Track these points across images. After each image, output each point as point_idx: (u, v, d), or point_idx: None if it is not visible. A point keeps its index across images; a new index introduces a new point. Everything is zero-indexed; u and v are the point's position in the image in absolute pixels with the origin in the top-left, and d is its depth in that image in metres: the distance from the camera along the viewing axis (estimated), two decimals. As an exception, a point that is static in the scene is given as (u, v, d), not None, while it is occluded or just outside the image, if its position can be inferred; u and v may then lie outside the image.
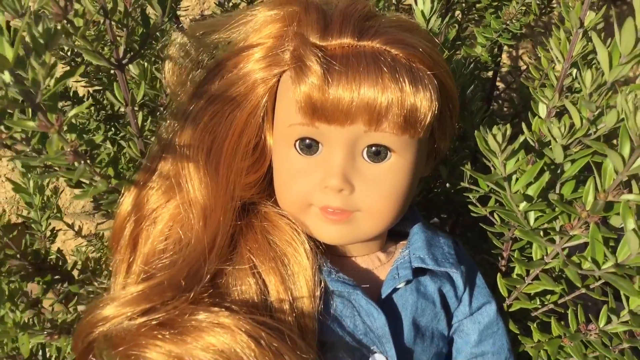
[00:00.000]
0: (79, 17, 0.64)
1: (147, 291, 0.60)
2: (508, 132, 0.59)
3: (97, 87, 0.99)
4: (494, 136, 0.58)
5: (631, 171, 0.55)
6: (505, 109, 1.38)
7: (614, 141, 0.70)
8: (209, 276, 0.62)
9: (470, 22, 1.19)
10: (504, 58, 1.75)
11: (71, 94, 0.98)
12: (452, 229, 1.15)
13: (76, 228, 1.39)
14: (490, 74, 1.22)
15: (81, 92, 1.07)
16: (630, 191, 0.59)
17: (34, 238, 0.98)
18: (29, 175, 0.93)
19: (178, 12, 1.20)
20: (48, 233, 1.01)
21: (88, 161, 0.61)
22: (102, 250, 1.31)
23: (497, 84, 1.60)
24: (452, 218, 1.09)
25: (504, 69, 1.68)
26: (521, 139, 0.62)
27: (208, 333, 0.58)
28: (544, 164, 0.65)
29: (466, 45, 1.12)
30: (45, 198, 1.01)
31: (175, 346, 0.58)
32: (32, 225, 0.99)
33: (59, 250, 0.81)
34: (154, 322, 0.59)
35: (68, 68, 1.03)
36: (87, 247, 1.37)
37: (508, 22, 1.04)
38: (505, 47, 1.69)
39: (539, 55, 0.93)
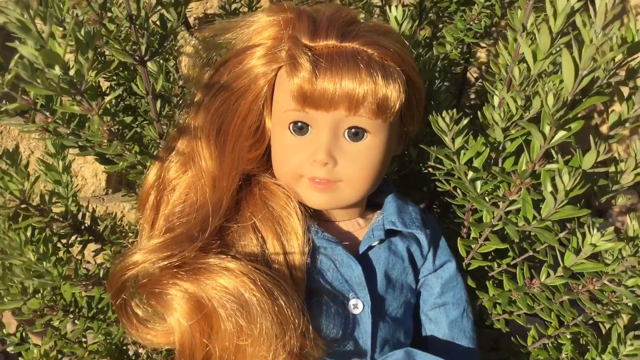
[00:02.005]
0: (111, 22, 0.79)
1: (168, 241, 0.75)
2: (455, 116, 0.74)
3: (119, 82, 1.13)
4: (443, 118, 0.74)
5: (551, 144, 0.70)
6: (476, 102, 1.53)
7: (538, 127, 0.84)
8: (216, 231, 0.77)
9: (443, 24, 1.33)
10: (483, 57, 1.90)
11: (98, 88, 1.13)
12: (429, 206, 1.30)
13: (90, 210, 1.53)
14: (461, 69, 1.37)
15: (104, 87, 1.21)
16: (553, 162, 0.74)
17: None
18: (58, 156, 1.06)
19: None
20: (73, 208, 1.15)
21: (119, 139, 0.76)
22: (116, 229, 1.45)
23: (476, 78, 1.76)
24: (426, 196, 1.24)
25: (483, 67, 1.83)
26: (465, 121, 0.77)
27: (217, 274, 0.73)
28: (487, 143, 0.80)
29: (438, 44, 1.27)
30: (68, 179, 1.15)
31: (190, 284, 0.73)
32: (59, 201, 1.13)
33: (93, 215, 0.96)
34: (173, 265, 0.73)
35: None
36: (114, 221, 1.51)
37: (472, 23, 1.18)
38: (484, 50, 1.84)
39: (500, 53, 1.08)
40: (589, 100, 0.65)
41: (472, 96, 1.57)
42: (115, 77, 1.12)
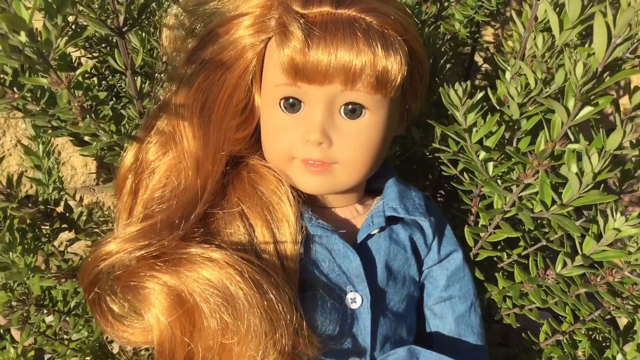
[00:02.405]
0: (84, -14, 0.72)
1: (146, 229, 0.68)
2: (468, 88, 0.66)
3: (99, 58, 1.06)
4: (455, 91, 0.66)
5: (575, 121, 0.62)
6: (482, 83, 1.45)
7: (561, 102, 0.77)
8: (199, 217, 0.70)
9: (450, 1, 1.26)
10: (491, 38, 1.82)
11: (75, 64, 1.05)
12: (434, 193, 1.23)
13: (77, 199, 1.46)
14: (469, 49, 1.29)
15: (90, 64, 1.14)
16: (576, 142, 0.66)
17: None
18: (39, 140, 0.99)
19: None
20: (55, 195, 1.08)
21: (93, 116, 0.68)
22: (102, 219, 1.38)
23: (482, 60, 1.68)
24: (429, 181, 1.16)
25: (490, 48, 1.75)
26: (479, 95, 0.69)
27: (199, 265, 0.66)
28: (502, 120, 0.73)
29: (446, 23, 1.19)
30: (50, 165, 1.08)
31: (170, 277, 0.65)
32: (39, 188, 1.06)
33: (66, 201, 0.88)
34: (151, 256, 0.66)
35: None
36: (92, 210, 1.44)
37: (484, 0, 1.11)
38: (491, 30, 1.76)
39: (513, 32, 1.00)
40: (621, 73, 0.57)
41: (479, 79, 1.49)
42: (96, 53, 1.04)
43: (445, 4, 1.26)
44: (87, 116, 0.67)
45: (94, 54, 1.04)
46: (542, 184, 0.67)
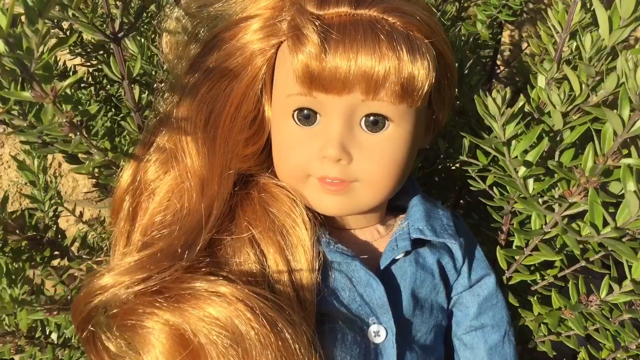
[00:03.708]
0: (74, -13, 0.64)
1: (144, 260, 0.60)
2: (508, 96, 0.58)
3: (97, 66, 0.99)
4: (494, 99, 0.58)
5: (631, 133, 0.55)
6: (507, 88, 1.37)
7: (615, 111, 0.69)
8: (205, 245, 0.62)
9: (470, 1, 1.18)
10: (507, 40, 1.74)
11: (70, 73, 0.98)
12: (453, 209, 1.15)
13: (77, 214, 1.39)
14: (491, 52, 1.21)
15: (81, 72, 1.07)
16: (630, 156, 0.58)
17: (37, 218, 0.98)
18: (34, 154, 0.93)
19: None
20: (50, 213, 1.01)
21: (84, 133, 0.61)
22: (103, 235, 1.32)
23: (500, 65, 1.60)
24: (452, 199, 1.08)
25: (505, 52, 1.68)
26: (520, 103, 0.62)
27: (205, 301, 0.58)
28: (543, 132, 0.65)
29: (467, 23, 1.11)
30: (48, 180, 1.01)
31: (172, 315, 0.58)
32: (35, 205, 0.99)
33: (57, 226, 0.81)
34: (151, 291, 0.59)
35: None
36: (88, 232, 1.37)
37: (508, -1, 1.03)
38: (509, 28, 1.68)
39: (540, 32, 0.93)
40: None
41: (502, 83, 1.41)
42: (94, 60, 0.97)
43: (465, 4, 1.19)
44: (77, 133, 0.60)
45: (91, 62, 0.97)
46: (592, 204, 0.59)
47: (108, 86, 0.98)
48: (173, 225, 0.64)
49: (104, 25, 0.69)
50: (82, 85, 1.00)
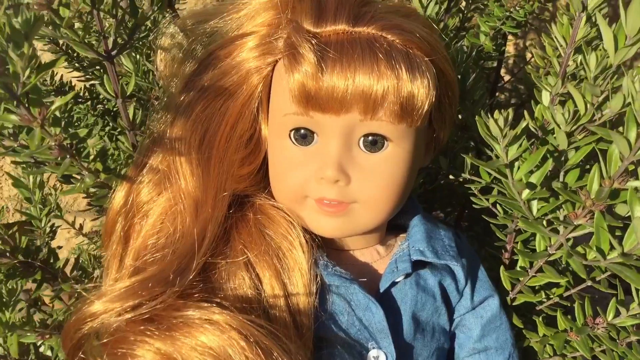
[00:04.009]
0: (64, 6, 0.63)
1: (135, 286, 0.59)
2: (510, 117, 0.56)
3: (93, 82, 0.97)
4: (496, 121, 0.56)
5: (638, 156, 0.53)
6: (511, 100, 1.35)
7: (620, 128, 0.67)
8: (198, 270, 0.61)
9: (474, 12, 1.16)
10: (512, 50, 1.72)
11: (67, 88, 0.97)
12: (457, 222, 1.13)
13: (77, 226, 1.38)
14: (494, 63, 1.19)
15: (78, 86, 1.06)
16: (637, 178, 0.57)
17: (33, 235, 0.96)
18: (30, 170, 0.91)
19: (177, 6, 1.19)
20: (47, 229, 1.00)
21: (75, 156, 0.59)
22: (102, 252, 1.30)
23: (503, 75, 1.58)
24: (455, 211, 1.06)
25: (510, 61, 1.66)
26: (523, 124, 0.60)
27: (197, 329, 0.56)
28: (547, 152, 0.63)
29: (470, 35, 1.09)
30: (44, 194, 1.00)
31: (163, 343, 0.56)
32: (32, 222, 0.98)
33: (50, 248, 0.79)
34: (142, 318, 0.57)
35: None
36: (88, 245, 1.36)
37: (512, 10, 1.01)
38: (512, 39, 1.66)
39: (544, 44, 0.91)
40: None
41: (505, 95, 1.39)
42: (90, 75, 0.96)
43: (469, 14, 1.17)
44: (67, 156, 0.58)
45: (87, 76, 0.96)
46: (597, 228, 0.57)
47: (105, 100, 0.97)
48: (166, 248, 0.63)
49: (99, 43, 0.68)
50: (79, 100, 0.99)
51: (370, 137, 0.63)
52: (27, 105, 0.54)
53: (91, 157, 0.60)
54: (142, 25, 0.67)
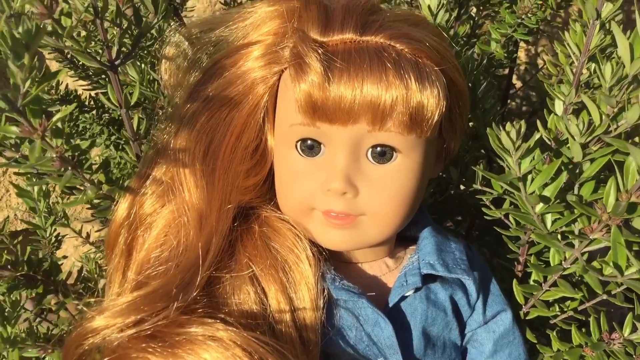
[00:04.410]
0: (66, 16, 0.62)
1: (138, 301, 0.57)
2: (522, 129, 0.54)
3: (99, 90, 0.96)
4: (508, 133, 0.54)
5: (655, 169, 0.51)
6: (523, 107, 1.33)
7: (637, 139, 0.65)
8: (202, 285, 0.59)
9: (485, 19, 1.15)
10: (523, 57, 1.70)
11: (72, 97, 0.96)
12: (468, 231, 1.11)
13: (85, 234, 1.37)
14: (506, 71, 1.17)
15: (84, 95, 1.05)
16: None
17: (38, 245, 0.96)
18: (32, 182, 0.90)
19: (184, 14, 1.18)
20: (53, 239, 0.99)
21: (77, 167, 0.58)
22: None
23: (515, 82, 1.55)
24: (466, 221, 1.04)
25: (521, 67, 1.63)
26: (537, 136, 0.58)
27: (200, 347, 0.55)
28: (561, 164, 0.61)
29: (481, 42, 1.08)
30: (50, 203, 0.99)
31: None
32: (37, 232, 0.97)
33: (52, 260, 0.78)
34: (145, 334, 0.56)
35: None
36: (95, 253, 1.35)
37: (523, 17, 0.99)
38: (524, 46, 1.64)
39: (557, 51, 0.89)
40: None
41: (514, 103, 1.37)
42: (96, 84, 0.95)
43: (480, 21, 1.15)
44: (69, 167, 0.57)
45: (93, 85, 0.95)
46: (614, 244, 0.55)
47: (111, 110, 0.96)
48: (169, 262, 0.61)
49: (103, 52, 0.67)
50: (85, 109, 0.98)
51: (378, 148, 0.61)
52: (27, 116, 0.53)
53: (94, 169, 0.59)
54: (146, 34, 0.65)
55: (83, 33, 0.70)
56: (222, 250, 0.63)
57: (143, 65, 0.77)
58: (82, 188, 0.65)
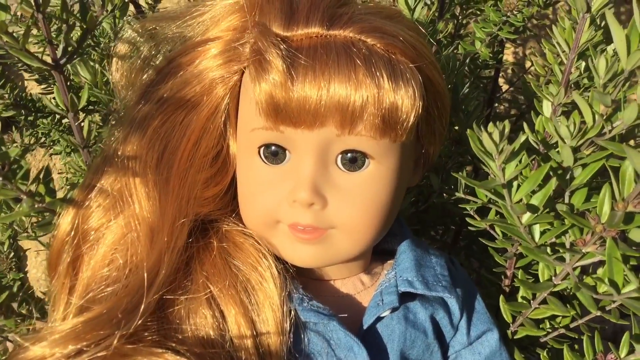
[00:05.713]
0: (2, 10, 0.56)
1: (79, 328, 0.51)
2: (507, 130, 0.49)
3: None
4: (490, 134, 0.48)
5: (655, 175, 0.45)
6: (511, 111, 1.28)
7: (632, 142, 0.60)
8: (152, 308, 0.53)
9: (469, 18, 1.09)
10: (510, 59, 1.65)
11: (26, 102, 0.89)
12: (454, 241, 1.05)
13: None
14: (492, 72, 1.12)
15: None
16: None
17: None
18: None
19: (158, 6, 1.12)
20: (11, 254, 0.93)
21: (9, 178, 0.52)
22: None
23: (502, 85, 1.50)
24: (451, 231, 0.99)
25: (508, 70, 1.59)
26: (522, 138, 0.52)
27: (147, 379, 0.48)
28: (550, 169, 0.55)
29: (465, 42, 1.02)
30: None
31: None
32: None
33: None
34: None
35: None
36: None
37: (509, 14, 0.94)
38: (511, 47, 1.59)
39: (544, 50, 0.84)
40: None
41: (502, 106, 1.32)
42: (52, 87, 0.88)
43: (464, 20, 1.10)
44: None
45: (49, 88, 0.88)
46: (610, 258, 0.49)
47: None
48: (117, 283, 0.55)
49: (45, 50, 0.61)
50: (44, 114, 0.92)
51: (349, 154, 0.56)
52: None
53: (30, 180, 0.52)
54: (93, 30, 0.59)
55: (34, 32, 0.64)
56: (176, 270, 0.56)
57: (97, 66, 0.70)
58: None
